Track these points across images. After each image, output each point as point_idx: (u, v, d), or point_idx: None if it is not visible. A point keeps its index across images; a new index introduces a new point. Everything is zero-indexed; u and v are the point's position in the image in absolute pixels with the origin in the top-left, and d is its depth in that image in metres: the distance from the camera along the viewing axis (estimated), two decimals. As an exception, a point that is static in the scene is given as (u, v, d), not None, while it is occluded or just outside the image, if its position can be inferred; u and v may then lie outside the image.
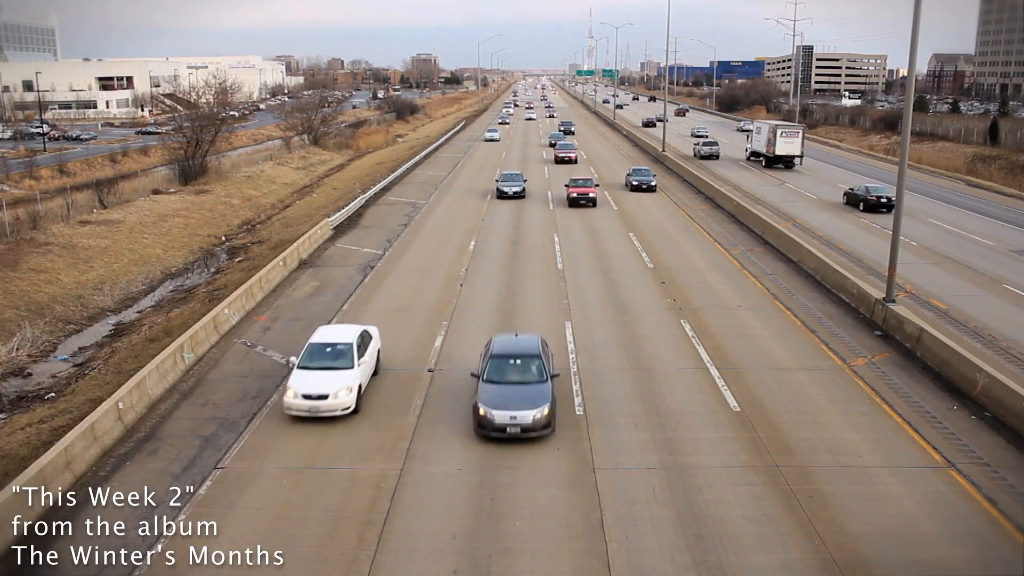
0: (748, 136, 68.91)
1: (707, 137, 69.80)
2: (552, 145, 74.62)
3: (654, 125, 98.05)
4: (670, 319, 24.39)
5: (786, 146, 59.62)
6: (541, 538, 13.28)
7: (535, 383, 16.99)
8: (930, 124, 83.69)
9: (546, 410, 16.28)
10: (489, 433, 16.30)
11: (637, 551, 12.90)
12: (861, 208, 42.61)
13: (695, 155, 68.12)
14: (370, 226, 39.52)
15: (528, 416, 16.09)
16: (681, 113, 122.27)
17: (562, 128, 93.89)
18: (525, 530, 13.49)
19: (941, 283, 28.73)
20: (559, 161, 63.58)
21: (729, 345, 22.13)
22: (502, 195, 46.03)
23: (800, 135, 60.80)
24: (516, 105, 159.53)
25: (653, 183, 49.19)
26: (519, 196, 45.86)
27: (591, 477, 15.15)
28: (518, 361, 17.53)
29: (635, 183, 49.23)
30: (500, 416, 16.14)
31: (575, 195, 43.33)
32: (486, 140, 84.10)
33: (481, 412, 16.32)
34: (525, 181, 47.41)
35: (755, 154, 63.90)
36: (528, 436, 16.20)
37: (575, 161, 63.51)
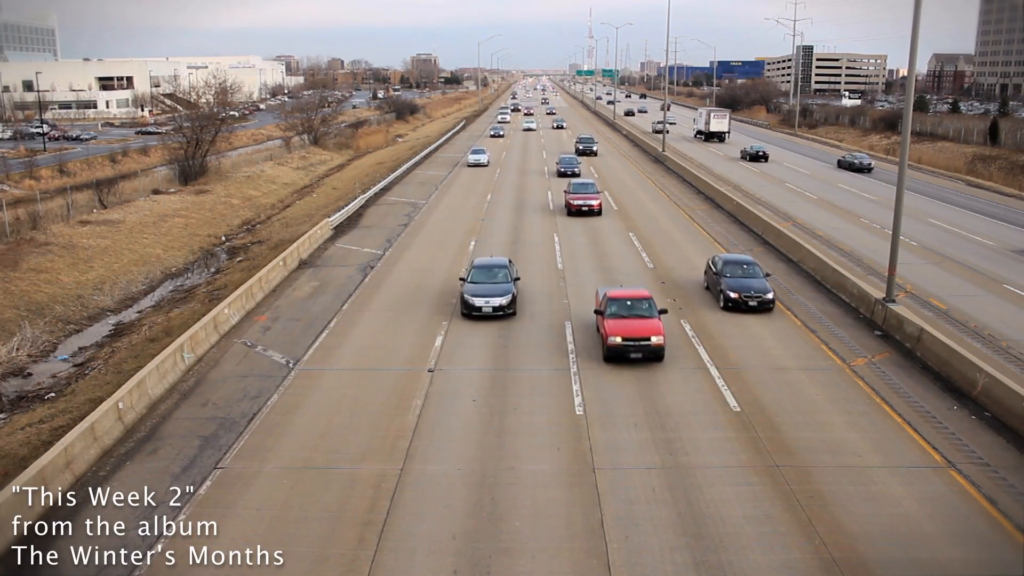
0: (694, 119, 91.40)
1: (663, 120, 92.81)
2: (562, 174, 53.93)
3: (633, 114, 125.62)
4: (670, 319, 24.35)
5: (717, 125, 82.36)
6: (541, 538, 13.28)
7: None
8: (930, 124, 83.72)
9: None
10: None
11: (637, 551, 12.90)
12: (748, 159, 66.87)
13: (652, 130, 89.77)
14: (370, 226, 39.53)
15: None
16: (666, 108, 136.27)
17: (580, 146, 68.40)
18: (525, 530, 13.49)
19: (941, 283, 28.74)
20: (574, 212, 40.41)
21: (729, 345, 22.12)
22: (471, 312, 24.30)
23: (727, 117, 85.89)
24: (516, 109, 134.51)
25: (770, 296, 25.04)
26: (503, 312, 24.28)
27: (591, 477, 15.15)
28: None
29: (733, 295, 24.98)
30: None
31: (623, 344, 20.45)
32: (470, 165, 61.02)
33: None
34: (517, 279, 25.68)
35: (699, 132, 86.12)
36: None
37: (599, 212, 40.61)
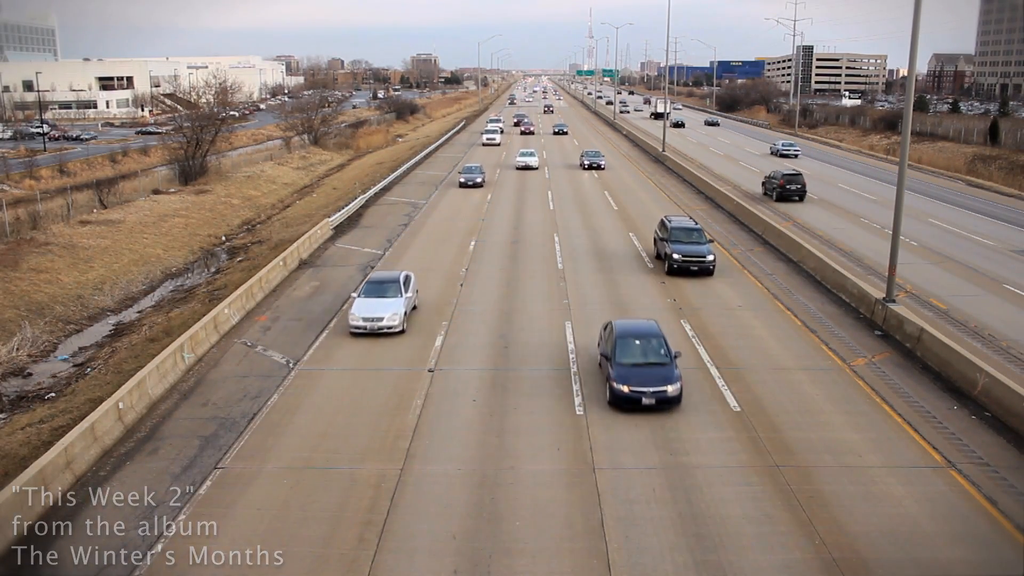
0: (649, 104, 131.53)
1: (630, 105, 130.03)
2: (629, 403, 17.76)
3: (612, 103, 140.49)
4: (670, 319, 24.37)
5: (662, 107, 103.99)
6: (541, 538, 13.28)
7: None
8: (930, 124, 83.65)
9: None
10: None
11: (637, 551, 12.90)
12: (672, 126, 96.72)
13: (619, 111, 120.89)
14: (370, 226, 39.52)
15: None
16: (647, 102, 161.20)
17: (680, 255, 29.03)
18: (525, 530, 13.49)
19: (941, 283, 28.73)
20: None
21: (729, 345, 22.12)
22: None
23: (669, 102, 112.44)
24: (517, 123, 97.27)
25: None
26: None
27: (591, 477, 15.15)
28: None
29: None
30: None
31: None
32: (351, 328, 22.94)
33: None
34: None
35: (652, 113, 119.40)
36: None
37: None
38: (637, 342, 18.74)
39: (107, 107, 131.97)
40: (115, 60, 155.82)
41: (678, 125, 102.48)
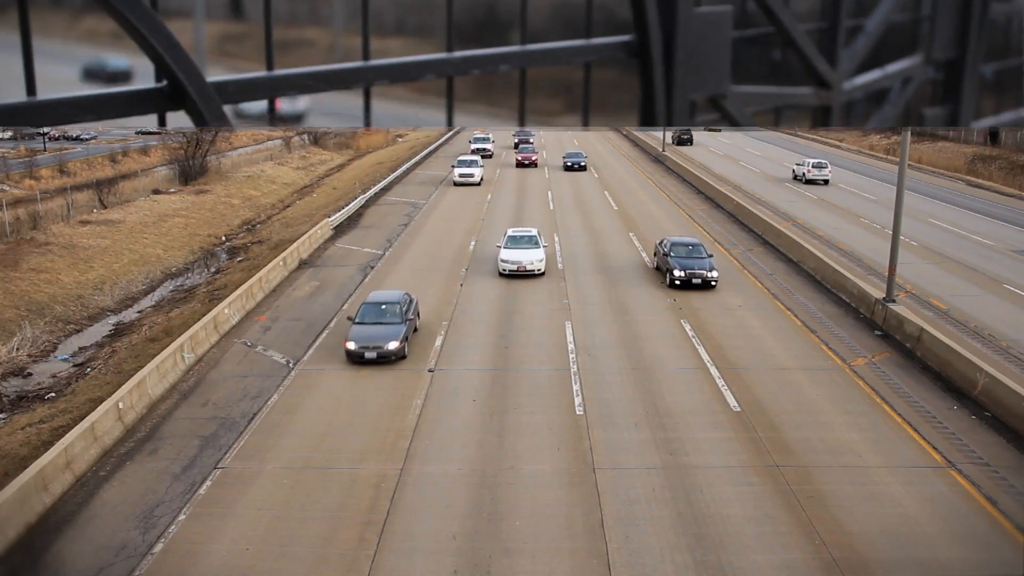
0: None
1: None
2: None
3: None
4: (670, 319, 24.38)
5: None
6: (541, 538, 13.28)
7: None
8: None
9: None
10: None
11: (637, 551, 12.90)
12: None
13: None
14: (370, 226, 39.53)
15: None
16: None
17: None
18: (525, 530, 13.49)
19: (941, 283, 28.73)
20: None
21: (729, 345, 22.12)
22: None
23: None
24: (516, 145, 68.25)
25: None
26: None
27: (591, 477, 15.15)
28: None
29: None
30: None
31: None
32: None
33: None
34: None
35: None
36: None
37: None
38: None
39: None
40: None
41: None
